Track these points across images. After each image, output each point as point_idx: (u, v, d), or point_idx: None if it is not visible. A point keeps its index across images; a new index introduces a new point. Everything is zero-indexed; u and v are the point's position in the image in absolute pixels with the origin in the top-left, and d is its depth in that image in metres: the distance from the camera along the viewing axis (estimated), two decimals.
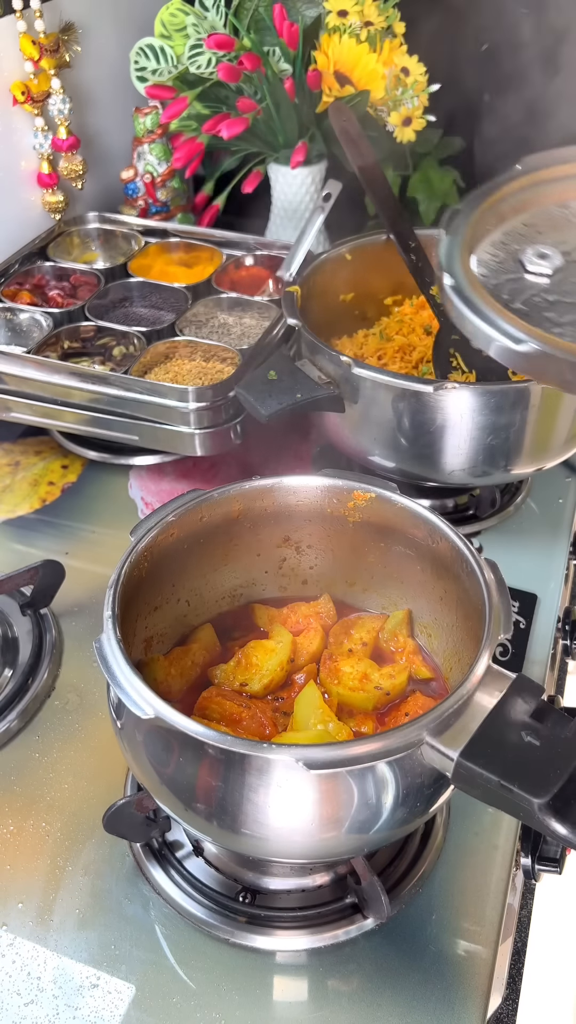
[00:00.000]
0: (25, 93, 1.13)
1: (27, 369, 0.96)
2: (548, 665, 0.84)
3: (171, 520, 0.68)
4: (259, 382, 0.83)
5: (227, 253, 1.17)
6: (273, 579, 0.77)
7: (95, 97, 1.30)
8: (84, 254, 1.23)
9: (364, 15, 1.14)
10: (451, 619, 0.69)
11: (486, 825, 0.70)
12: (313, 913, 0.65)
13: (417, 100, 1.17)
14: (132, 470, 1.06)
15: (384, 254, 1.02)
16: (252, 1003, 0.61)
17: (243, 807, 0.53)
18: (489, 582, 0.61)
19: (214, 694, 0.66)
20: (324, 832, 0.54)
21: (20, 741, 0.77)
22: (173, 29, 1.21)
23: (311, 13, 1.21)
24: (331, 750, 0.52)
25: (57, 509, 1.00)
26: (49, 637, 0.84)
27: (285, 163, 1.22)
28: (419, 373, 0.96)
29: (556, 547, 0.95)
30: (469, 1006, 0.60)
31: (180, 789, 0.55)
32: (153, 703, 0.54)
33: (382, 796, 0.53)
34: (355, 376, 0.83)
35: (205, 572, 0.74)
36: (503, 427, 0.82)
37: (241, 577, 0.76)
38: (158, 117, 1.25)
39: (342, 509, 0.72)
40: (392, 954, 0.63)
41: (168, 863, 0.68)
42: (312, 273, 0.98)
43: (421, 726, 0.52)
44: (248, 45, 1.15)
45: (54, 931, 0.64)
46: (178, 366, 1.00)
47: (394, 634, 0.72)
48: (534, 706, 0.53)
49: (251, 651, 0.69)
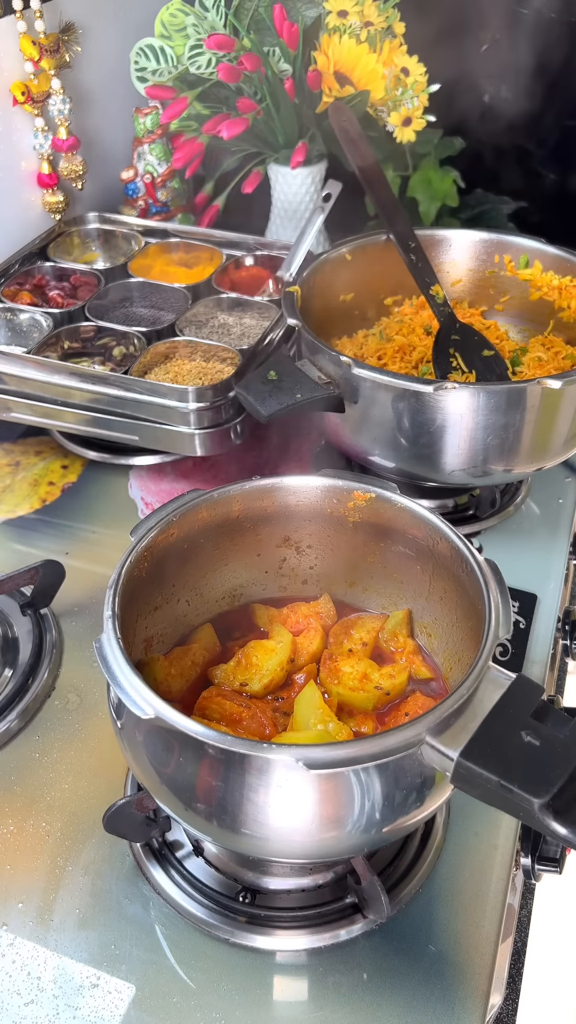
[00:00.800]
0: (25, 93, 1.13)
1: (27, 369, 0.96)
2: (548, 665, 0.84)
3: (171, 520, 0.68)
4: (259, 382, 0.83)
5: (227, 253, 1.17)
6: (273, 579, 0.77)
7: (95, 97, 1.30)
8: (84, 254, 1.23)
9: (364, 15, 1.14)
10: (451, 619, 0.69)
11: (486, 825, 0.70)
12: (313, 913, 0.65)
13: (417, 100, 1.17)
14: (132, 470, 1.06)
15: (384, 254, 1.03)
16: (252, 1003, 0.61)
17: (243, 807, 0.53)
18: (489, 582, 0.61)
19: (214, 694, 0.66)
20: (324, 832, 0.54)
21: (20, 741, 0.77)
22: (173, 29, 1.21)
23: (311, 13, 1.21)
24: (331, 750, 0.52)
25: (57, 509, 1.00)
26: (49, 637, 0.84)
27: (285, 163, 1.22)
28: (419, 373, 0.96)
29: (556, 547, 0.95)
30: (469, 1006, 0.60)
31: (180, 789, 0.55)
32: (153, 703, 0.54)
33: (382, 796, 0.53)
34: (355, 376, 0.83)
35: (205, 572, 0.74)
36: (503, 427, 0.82)
37: (241, 577, 0.76)
38: (158, 117, 1.26)
39: (342, 509, 0.72)
40: (392, 954, 0.63)
41: (168, 863, 0.68)
42: (312, 273, 0.98)
43: (421, 726, 0.52)
44: (248, 45, 1.15)
45: (54, 931, 0.64)
46: (178, 366, 1.00)
47: (394, 634, 0.72)
48: (534, 706, 0.53)
49: (251, 651, 0.69)
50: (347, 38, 1.14)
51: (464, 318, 1.02)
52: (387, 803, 0.54)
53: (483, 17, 1.32)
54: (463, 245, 1.06)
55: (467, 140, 1.32)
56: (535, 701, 0.53)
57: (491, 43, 1.34)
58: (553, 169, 1.40)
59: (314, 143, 1.22)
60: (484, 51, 1.35)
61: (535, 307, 1.04)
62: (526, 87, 1.35)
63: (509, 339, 1.02)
